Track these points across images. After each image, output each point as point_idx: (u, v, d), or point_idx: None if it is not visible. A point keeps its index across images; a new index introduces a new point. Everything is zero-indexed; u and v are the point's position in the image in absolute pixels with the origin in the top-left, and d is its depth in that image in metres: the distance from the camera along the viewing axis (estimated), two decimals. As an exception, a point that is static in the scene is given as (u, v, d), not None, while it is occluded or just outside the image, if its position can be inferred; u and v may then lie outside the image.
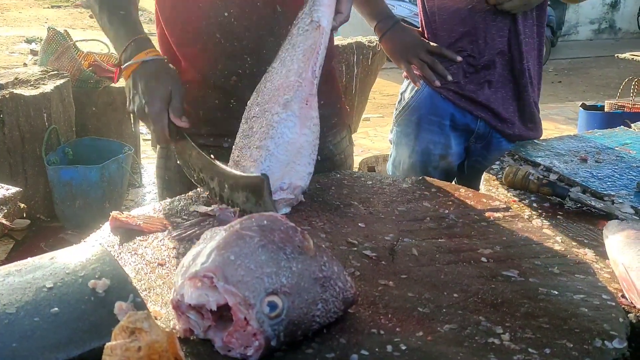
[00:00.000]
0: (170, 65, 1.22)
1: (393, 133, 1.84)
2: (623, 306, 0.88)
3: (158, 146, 1.54)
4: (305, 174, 1.15)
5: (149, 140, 4.77)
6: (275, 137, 1.11)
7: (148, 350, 0.61)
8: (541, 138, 1.76)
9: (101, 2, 1.28)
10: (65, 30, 3.82)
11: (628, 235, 1.00)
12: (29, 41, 8.21)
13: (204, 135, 1.42)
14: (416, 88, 1.74)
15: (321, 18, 1.17)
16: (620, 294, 0.93)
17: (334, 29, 1.23)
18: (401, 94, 1.82)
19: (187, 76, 1.38)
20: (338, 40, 4.19)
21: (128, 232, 1.05)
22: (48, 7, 12.37)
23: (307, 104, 1.14)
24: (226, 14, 1.30)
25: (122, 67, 1.20)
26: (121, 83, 3.95)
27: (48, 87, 3.24)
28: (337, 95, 1.55)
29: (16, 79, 3.28)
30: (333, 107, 1.50)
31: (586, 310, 0.82)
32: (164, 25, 1.39)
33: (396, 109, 1.82)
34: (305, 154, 1.14)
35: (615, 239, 1.02)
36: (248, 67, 1.34)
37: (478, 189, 1.38)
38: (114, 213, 1.07)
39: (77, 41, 3.82)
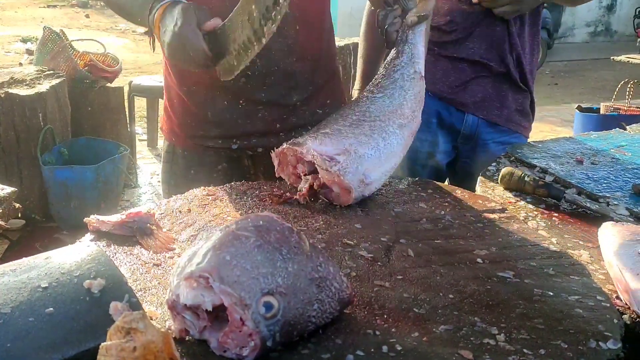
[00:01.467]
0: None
1: None
2: (617, 307, 0.88)
3: (163, 153, 1.54)
4: (379, 184, 1.23)
5: (144, 140, 4.77)
6: (387, 139, 1.23)
7: (143, 351, 0.61)
8: (537, 140, 1.77)
9: None
10: (61, 30, 3.80)
11: (623, 237, 1.01)
12: (24, 40, 8.18)
13: (212, 137, 1.42)
14: None
15: (421, 70, 1.35)
16: (614, 295, 0.94)
17: None
18: None
19: (194, 78, 1.38)
20: (337, 40, 4.18)
21: (123, 233, 1.05)
22: (44, 7, 12.33)
23: (412, 137, 1.30)
24: None
25: (152, 23, 1.19)
26: (117, 83, 3.95)
27: (44, 86, 3.23)
28: (341, 93, 1.57)
29: (12, 78, 3.27)
30: (338, 106, 1.51)
31: (581, 311, 0.82)
32: None
33: None
34: (389, 169, 1.24)
35: (610, 240, 1.02)
36: (257, 68, 1.34)
37: (473, 190, 1.38)
38: (86, 219, 1.05)
39: (72, 41, 3.81)
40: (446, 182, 1.85)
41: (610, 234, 1.04)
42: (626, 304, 0.91)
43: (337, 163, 1.15)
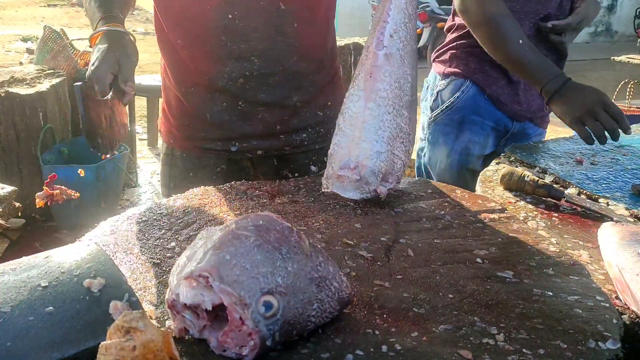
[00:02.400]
0: (128, 37, 1.24)
1: (428, 132, 1.84)
2: (617, 307, 0.88)
3: (162, 155, 1.53)
4: (373, 153, 1.12)
5: (144, 140, 4.77)
6: (344, 112, 1.15)
7: (143, 350, 0.61)
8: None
9: None
10: (62, 29, 3.81)
11: (622, 237, 1.01)
12: (25, 40, 8.18)
13: (212, 139, 1.40)
14: (461, 88, 1.75)
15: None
16: (614, 296, 0.94)
17: None
18: (438, 92, 1.80)
19: (193, 79, 1.37)
20: (337, 40, 4.17)
21: (123, 232, 1.05)
22: (44, 6, 12.33)
23: (370, 77, 1.13)
24: (230, 16, 1.28)
25: (88, 38, 1.26)
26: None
27: (44, 85, 3.23)
28: (342, 95, 1.54)
29: (12, 77, 3.27)
30: (338, 107, 1.49)
31: (580, 311, 0.82)
32: (167, 28, 1.37)
33: (430, 108, 1.82)
34: (370, 129, 1.12)
35: (609, 240, 1.02)
36: (256, 68, 1.33)
37: (474, 190, 1.39)
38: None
39: (73, 40, 3.81)
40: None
41: (609, 234, 1.04)
42: (625, 304, 0.91)
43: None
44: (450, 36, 1.82)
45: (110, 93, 1.19)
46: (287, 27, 1.32)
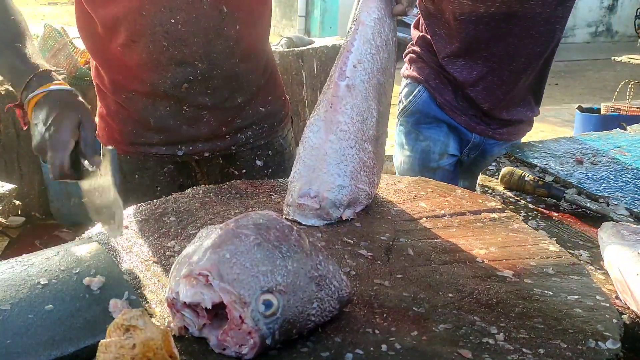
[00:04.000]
0: (78, 98, 1.07)
1: (396, 133, 1.86)
2: (617, 307, 0.88)
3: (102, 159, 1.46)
4: (334, 186, 1.08)
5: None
6: (304, 141, 1.11)
7: (142, 348, 0.61)
8: (537, 140, 1.78)
9: None
10: (62, 28, 3.80)
11: (622, 237, 1.01)
12: (25, 38, 8.17)
13: (157, 145, 1.38)
14: (414, 93, 1.75)
15: (361, 14, 1.12)
16: (614, 295, 0.94)
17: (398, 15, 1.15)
18: (400, 94, 1.83)
19: (134, 85, 1.33)
20: (336, 40, 4.18)
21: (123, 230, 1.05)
22: (45, 4, 12.33)
23: (331, 107, 1.09)
24: (173, 21, 1.24)
25: (25, 100, 1.06)
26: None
27: (44, 84, 3.23)
28: (280, 89, 1.54)
29: (12, 75, 3.27)
30: (278, 101, 1.50)
31: (580, 311, 0.82)
32: (103, 34, 1.30)
33: (398, 110, 1.84)
34: (331, 162, 1.08)
35: (609, 240, 1.02)
36: (199, 72, 1.30)
37: (473, 190, 1.39)
38: None
39: (73, 38, 3.81)
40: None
41: (610, 234, 1.04)
42: (625, 303, 0.91)
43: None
44: (413, 33, 1.80)
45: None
46: (228, 30, 1.29)
